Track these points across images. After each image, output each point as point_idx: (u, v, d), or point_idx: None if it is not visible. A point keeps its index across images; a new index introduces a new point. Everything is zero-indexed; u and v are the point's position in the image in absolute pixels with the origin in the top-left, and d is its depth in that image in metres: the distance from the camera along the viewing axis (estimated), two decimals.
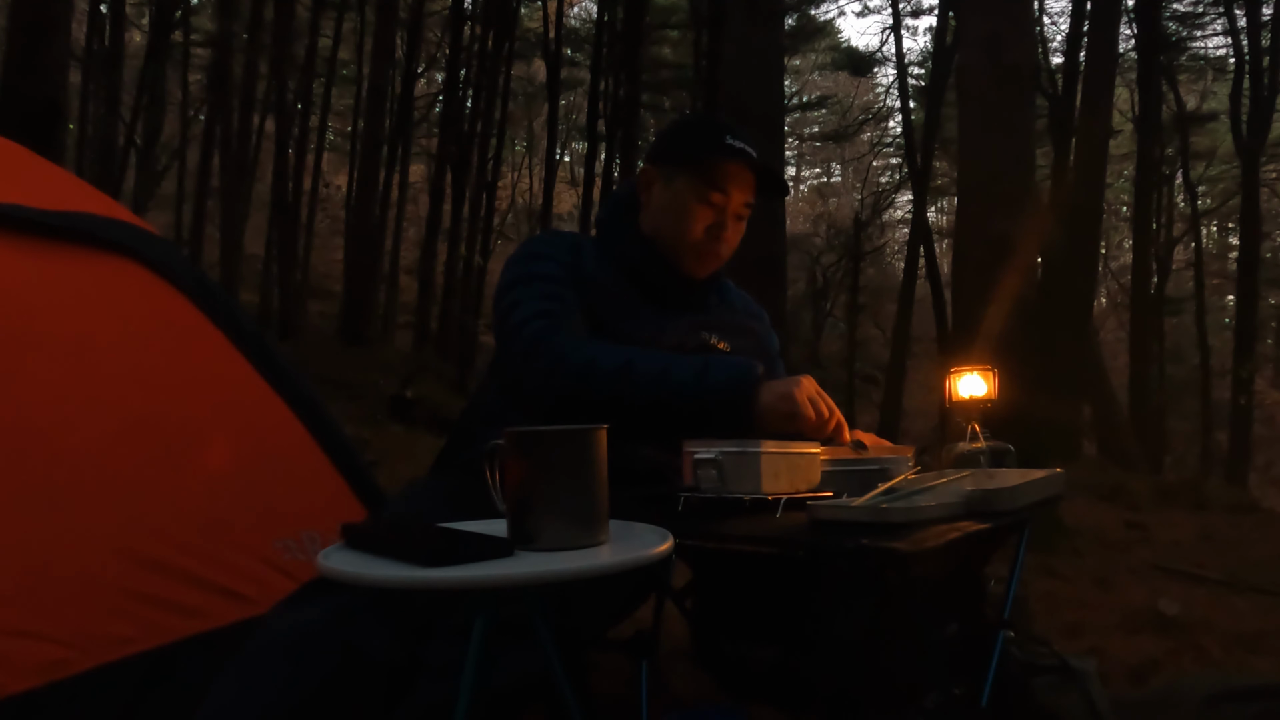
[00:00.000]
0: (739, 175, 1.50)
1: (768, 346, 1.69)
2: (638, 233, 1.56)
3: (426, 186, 15.35)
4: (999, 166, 4.73)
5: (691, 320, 1.55)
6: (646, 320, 1.50)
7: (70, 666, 1.28)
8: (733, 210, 1.52)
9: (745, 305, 1.72)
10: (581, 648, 1.56)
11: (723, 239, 1.52)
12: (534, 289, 1.43)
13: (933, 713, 1.30)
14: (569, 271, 1.48)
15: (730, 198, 1.50)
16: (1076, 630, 2.74)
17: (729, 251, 1.56)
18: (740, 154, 1.48)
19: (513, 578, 0.87)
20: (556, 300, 1.42)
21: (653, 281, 1.54)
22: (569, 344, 1.36)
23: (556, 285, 1.44)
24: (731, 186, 1.50)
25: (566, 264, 1.49)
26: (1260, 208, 12.74)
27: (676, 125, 1.72)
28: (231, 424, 1.70)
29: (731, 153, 1.47)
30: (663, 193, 1.54)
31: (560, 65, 14.49)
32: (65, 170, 2.39)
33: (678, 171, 1.52)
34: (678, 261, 1.53)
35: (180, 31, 13.54)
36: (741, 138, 1.50)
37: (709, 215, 1.50)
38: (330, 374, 8.12)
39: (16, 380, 1.41)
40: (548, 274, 1.46)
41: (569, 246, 1.54)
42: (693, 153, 1.51)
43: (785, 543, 1.12)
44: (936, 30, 14.02)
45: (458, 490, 1.30)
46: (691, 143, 1.53)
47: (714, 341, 1.55)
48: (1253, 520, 5.70)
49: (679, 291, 1.55)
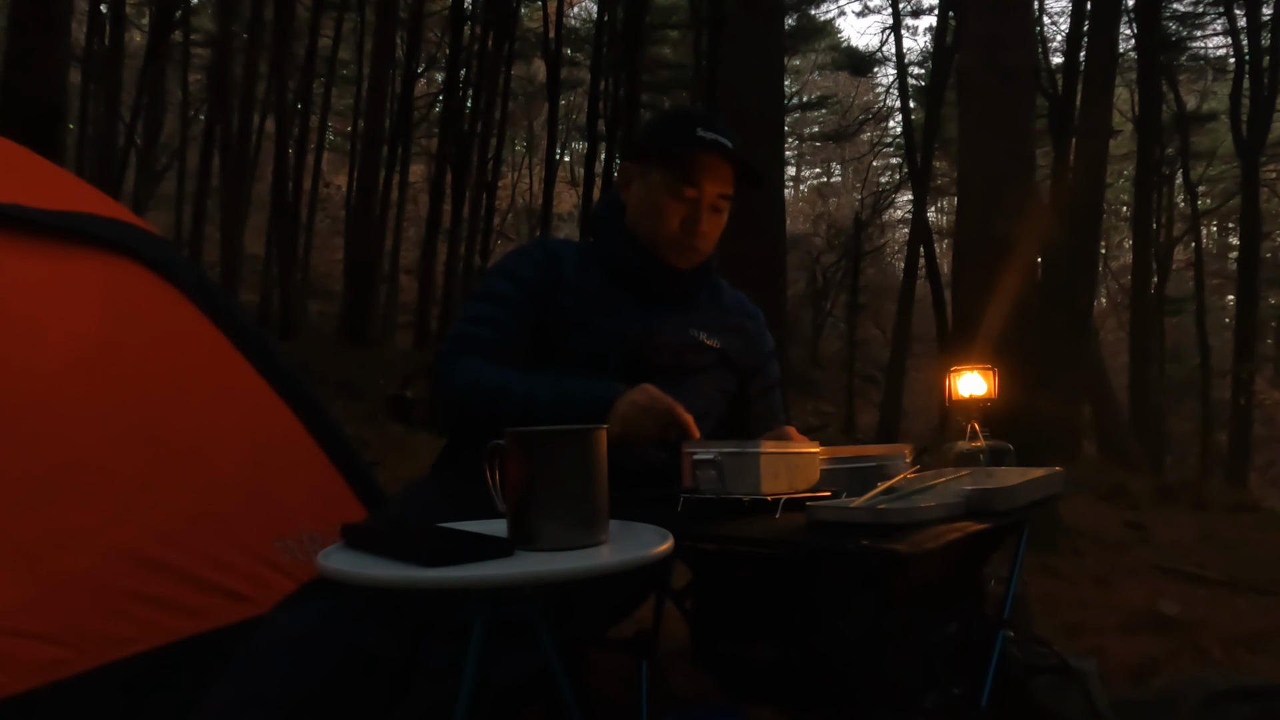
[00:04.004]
0: (713, 167, 1.49)
1: (760, 345, 1.68)
2: (624, 231, 1.56)
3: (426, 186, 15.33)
4: (999, 166, 4.72)
5: (680, 318, 1.55)
6: (633, 318, 1.50)
7: (70, 666, 1.28)
8: (707, 202, 1.51)
9: (738, 304, 1.71)
10: (581, 648, 1.56)
11: (698, 232, 1.51)
12: (477, 309, 1.50)
13: (933, 713, 1.30)
14: (534, 286, 1.50)
15: (703, 190, 1.50)
16: (1076, 630, 2.74)
17: (707, 244, 1.54)
18: (711, 145, 1.47)
19: (513, 578, 0.87)
20: (485, 324, 1.47)
21: (638, 279, 1.54)
22: (457, 367, 1.42)
23: (500, 307, 1.49)
24: (704, 179, 1.49)
25: (529, 280, 1.51)
26: (1260, 208, 12.72)
27: (652, 121, 1.72)
28: (231, 424, 1.70)
29: (702, 144, 1.46)
30: (640, 189, 1.55)
31: (560, 65, 14.49)
32: (65, 170, 2.39)
33: (653, 167, 1.52)
34: (660, 256, 1.53)
35: (180, 31, 13.53)
36: (715, 128, 1.48)
37: (683, 209, 1.50)
38: (330, 374, 8.12)
39: (16, 380, 1.41)
40: (499, 294, 1.50)
41: (546, 257, 1.55)
42: (665, 146, 1.51)
43: (785, 543, 1.12)
44: (936, 30, 14.01)
45: (458, 490, 1.30)
46: (663, 137, 1.53)
47: (704, 339, 1.55)
48: (1253, 520, 5.71)
49: (665, 288, 1.55)
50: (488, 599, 0.99)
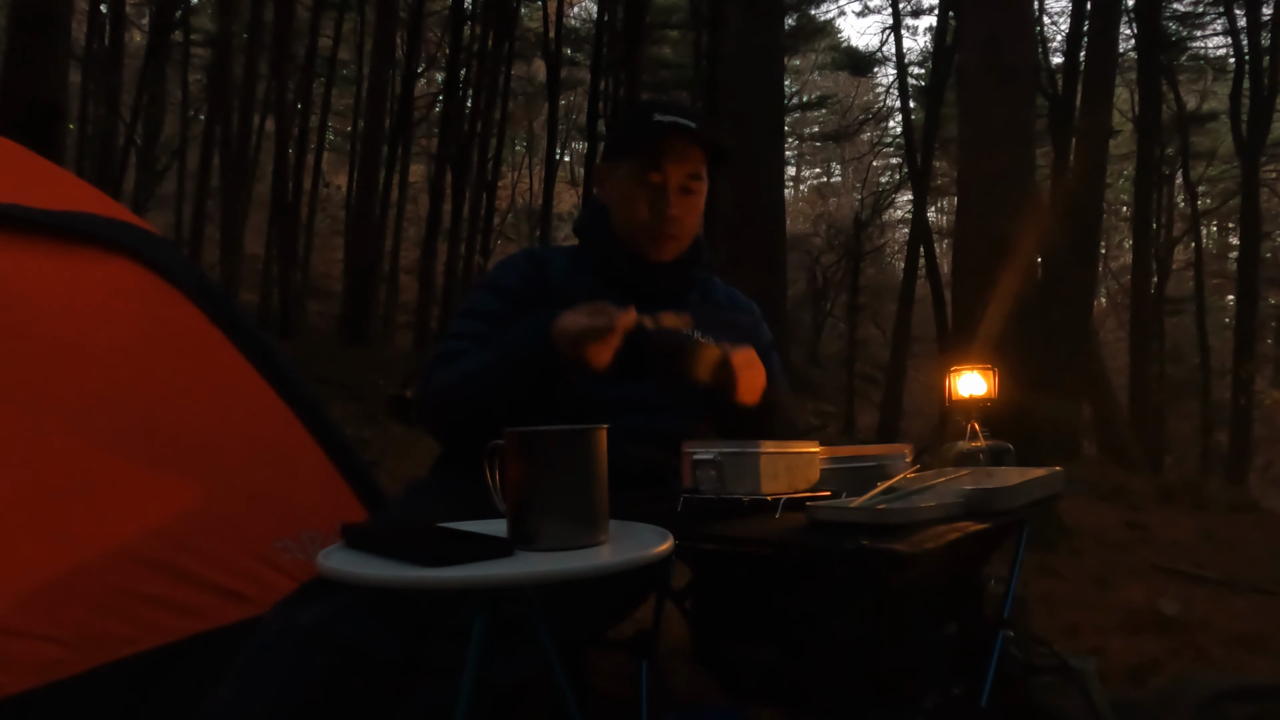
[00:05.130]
0: (676, 149, 1.49)
1: (757, 339, 1.67)
2: (609, 232, 1.57)
3: (426, 186, 15.31)
4: (999, 166, 4.72)
5: None
6: None
7: (70, 666, 1.28)
8: (675, 184, 1.50)
9: (732, 299, 1.71)
10: (581, 648, 1.56)
11: (667, 216, 1.50)
12: (460, 326, 1.53)
13: (932, 713, 1.30)
14: (519, 296, 1.53)
15: (668, 174, 1.50)
16: (1076, 630, 2.74)
17: (680, 228, 1.53)
18: (670, 128, 1.47)
19: (513, 578, 0.88)
20: (467, 339, 1.50)
21: (626, 279, 1.54)
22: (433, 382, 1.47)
23: (481, 321, 1.52)
24: (667, 162, 1.49)
25: (514, 290, 1.53)
26: (1260, 208, 12.72)
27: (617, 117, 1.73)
28: (231, 424, 1.70)
29: (660, 128, 1.47)
30: (613, 186, 1.56)
31: (560, 65, 14.48)
32: (65, 170, 2.39)
33: (621, 162, 1.53)
34: (640, 250, 1.53)
35: (180, 31, 13.52)
36: (673, 111, 1.49)
37: (650, 195, 1.50)
38: (330, 374, 8.11)
39: (16, 380, 1.41)
40: (481, 309, 1.53)
41: (532, 266, 1.56)
42: (626, 138, 1.53)
43: (784, 544, 1.12)
44: (936, 30, 14.00)
45: (458, 490, 1.30)
46: (624, 129, 1.55)
47: (697, 338, 1.55)
48: (1253, 520, 5.71)
49: (653, 286, 1.55)
50: (488, 599, 0.99)
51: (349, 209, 14.41)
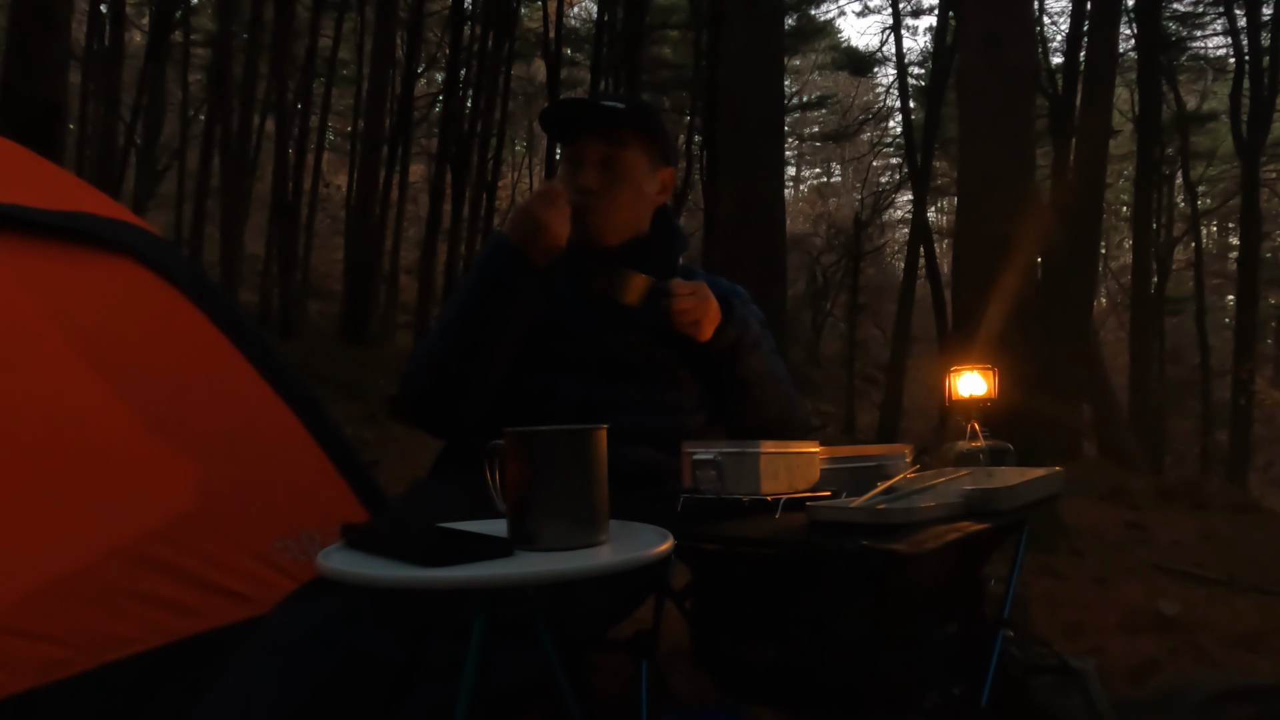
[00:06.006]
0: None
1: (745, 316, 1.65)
2: None
3: (426, 186, 15.31)
4: (999, 166, 4.72)
5: None
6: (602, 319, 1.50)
7: (70, 666, 1.28)
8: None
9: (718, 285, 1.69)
10: (581, 648, 1.56)
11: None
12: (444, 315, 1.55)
13: (933, 713, 1.30)
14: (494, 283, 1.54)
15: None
16: (1076, 630, 2.74)
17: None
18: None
19: (513, 578, 0.87)
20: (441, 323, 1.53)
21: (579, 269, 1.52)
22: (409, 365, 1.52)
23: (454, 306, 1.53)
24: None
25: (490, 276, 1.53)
26: (1260, 208, 12.72)
27: None
28: (231, 424, 1.70)
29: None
30: None
31: (560, 65, 14.48)
32: (65, 170, 2.39)
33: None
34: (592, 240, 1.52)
35: (180, 31, 13.52)
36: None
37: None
38: (330, 374, 8.11)
39: (16, 380, 1.41)
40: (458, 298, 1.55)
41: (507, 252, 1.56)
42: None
43: (785, 544, 1.12)
44: (936, 30, 14.00)
45: (458, 490, 1.30)
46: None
47: None
48: (1253, 520, 5.71)
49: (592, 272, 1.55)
50: (488, 599, 0.99)
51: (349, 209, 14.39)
